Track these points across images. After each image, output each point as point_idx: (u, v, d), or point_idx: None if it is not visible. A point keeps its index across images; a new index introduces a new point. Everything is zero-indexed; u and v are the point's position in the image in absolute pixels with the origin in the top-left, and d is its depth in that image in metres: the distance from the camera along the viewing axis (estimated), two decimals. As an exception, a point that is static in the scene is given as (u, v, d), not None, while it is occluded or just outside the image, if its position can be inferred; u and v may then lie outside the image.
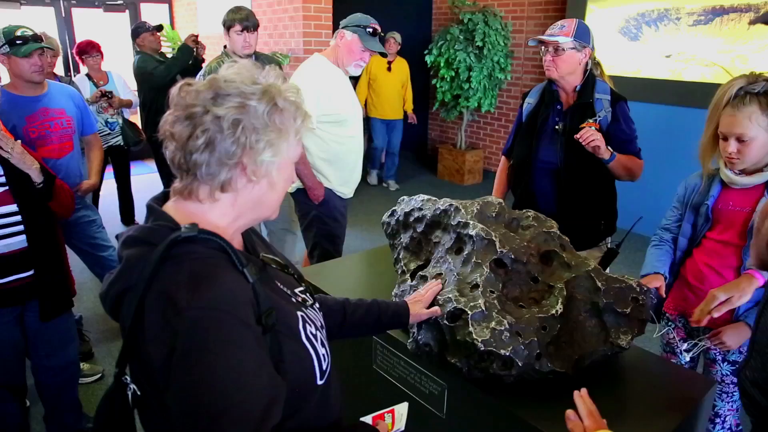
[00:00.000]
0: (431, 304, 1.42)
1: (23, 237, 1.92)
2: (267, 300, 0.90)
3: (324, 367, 1.00)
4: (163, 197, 0.98)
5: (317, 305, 1.13)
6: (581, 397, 1.14)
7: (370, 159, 6.51)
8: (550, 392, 1.35)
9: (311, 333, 0.99)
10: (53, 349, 2.16)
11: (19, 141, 1.96)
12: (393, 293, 1.70)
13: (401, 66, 6.11)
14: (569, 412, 1.12)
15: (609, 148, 2.05)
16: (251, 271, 0.89)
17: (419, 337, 1.44)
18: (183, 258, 0.85)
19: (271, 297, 0.93)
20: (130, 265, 0.87)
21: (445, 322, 1.35)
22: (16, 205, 1.89)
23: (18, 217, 1.90)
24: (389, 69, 6.05)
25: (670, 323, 1.96)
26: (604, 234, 2.32)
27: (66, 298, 2.11)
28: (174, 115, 0.90)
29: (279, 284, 1.02)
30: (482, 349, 1.27)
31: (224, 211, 0.94)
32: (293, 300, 1.02)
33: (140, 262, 0.85)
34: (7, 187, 1.89)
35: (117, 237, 0.94)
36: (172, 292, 0.82)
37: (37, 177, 1.96)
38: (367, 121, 6.21)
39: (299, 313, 0.99)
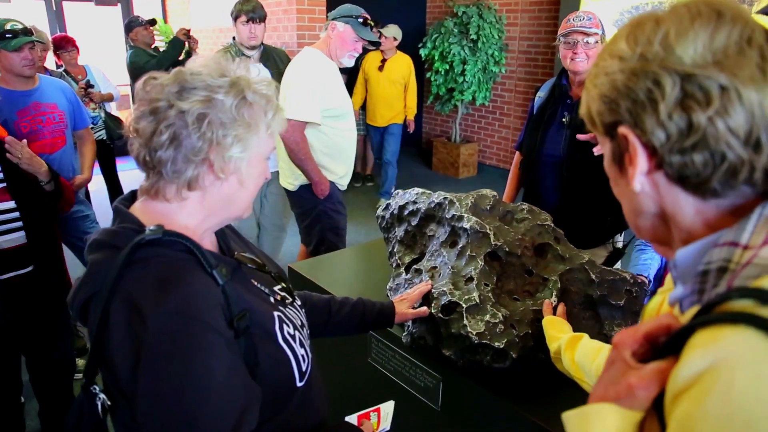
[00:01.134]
0: (423, 303, 1.41)
1: (22, 233, 1.91)
2: (240, 302, 0.87)
3: (304, 369, 0.97)
4: (131, 197, 0.94)
5: (298, 302, 1.09)
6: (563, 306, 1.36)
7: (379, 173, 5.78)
8: (544, 385, 1.35)
9: (289, 333, 0.95)
10: (49, 345, 2.15)
11: (25, 141, 1.95)
12: (387, 287, 1.70)
13: (399, 63, 5.33)
14: (547, 301, 1.35)
15: None
16: (221, 273, 0.85)
17: (414, 330, 1.44)
18: (148, 262, 0.82)
19: (245, 298, 0.90)
20: (95, 270, 0.83)
21: (440, 315, 1.35)
22: (13, 201, 1.89)
23: (16, 214, 1.90)
24: (381, 68, 5.31)
25: None
26: (612, 231, 2.29)
27: (63, 294, 2.10)
28: (139, 110, 0.87)
29: (255, 283, 0.98)
30: (477, 341, 1.28)
31: (193, 211, 0.90)
32: (270, 299, 0.99)
33: (104, 267, 0.82)
34: (4, 184, 1.88)
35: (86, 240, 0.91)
36: (137, 297, 0.79)
37: (45, 177, 1.96)
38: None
39: (276, 313, 0.95)
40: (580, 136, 1.91)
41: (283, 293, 1.03)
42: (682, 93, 0.51)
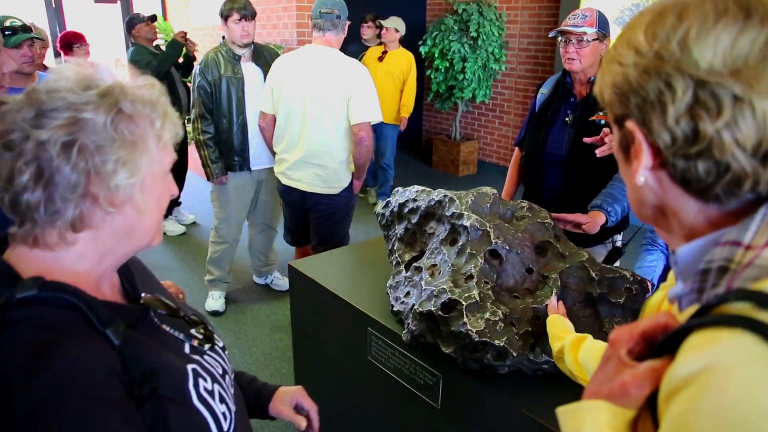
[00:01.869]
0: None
1: None
2: (143, 361, 0.72)
3: (225, 427, 0.83)
4: (5, 238, 0.77)
5: (220, 344, 0.95)
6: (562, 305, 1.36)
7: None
8: (544, 382, 1.35)
9: (206, 389, 0.81)
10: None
11: None
12: (387, 285, 1.70)
13: (399, 58, 5.09)
14: (552, 299, 1.36)
15: None
16: (117, 330, 0.70)
17: (413, 328, 1.44)
18: (20, 326, 0.66)
19: (151, 355, 0.75)
20: None
21: (440, 312, 1.35)
22: None
23: None
24: (381, 59, 5.08)
25: None
26: (612, 231, 2.29)
27: None
28: None
29: (167, 329, 0.84)
30: (477, 339, 1.28)
31: (84, 253, 0.74)
32: (185, 347, 0.85)
33: None
34: None
35: None
36: (4, 373, 0.63)
37: None
38: None
39: (190, 367, 0.81)
40: (586, 140, 1.90)
41: (201, 336, 0.89)
42: (693, 99, 0.50)
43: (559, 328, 1.24)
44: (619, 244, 2.31)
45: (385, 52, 5.14)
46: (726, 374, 0.43)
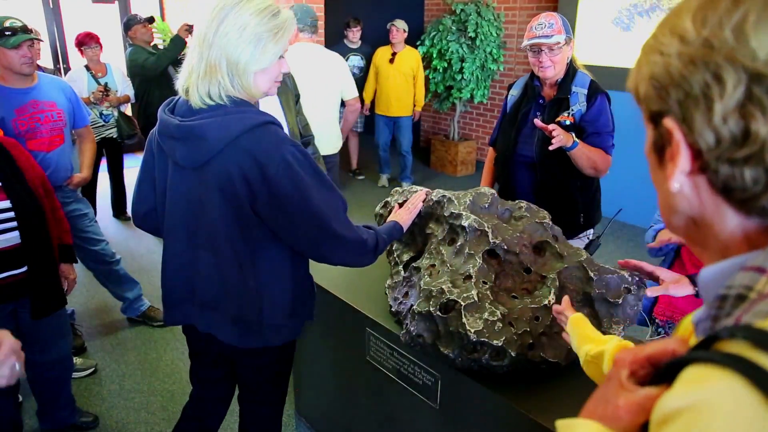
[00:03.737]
0: None
1: (16, 233, 1.91)
2: None
3: None
4: None
5: None
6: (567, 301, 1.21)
7: (378, 161, 6.15)
8: (542, 382, 1.36)
9: None
10: (46, 345, 2.15)
11: None
12: (386, 285, 1.71)
13: (408, 57, 5.55)
14: (566, 297, 1.20)
15: (572, 134, 2.05)
16: None
17: (412, 328, 1.44)
18: None
19: None
20: None
21: (438, 313, 1.35)
22: (9, 201, 1.88)
23: (11, 214, 1.89)
24: (392, 61, 5.53)
25: (660, 329, 1.97)
26: (584, 227, 2.33)
27: (58, 295, 2.10)
28: None
29: None
30: (475, 339, 1.28)
31: None
32: None
33: None
34: (0, 183, 1.87)
35: None
36: None
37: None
38: (372, 119, 5.91)
39: None
40: (536, 122, 2.03)
41: None
42: (745, 95, 0.43)
43: (589, 327, 1.11)
44: (592, 236, 2.34)
45: (394, 54, 5.54)
46: (709, 416, 0.41)
